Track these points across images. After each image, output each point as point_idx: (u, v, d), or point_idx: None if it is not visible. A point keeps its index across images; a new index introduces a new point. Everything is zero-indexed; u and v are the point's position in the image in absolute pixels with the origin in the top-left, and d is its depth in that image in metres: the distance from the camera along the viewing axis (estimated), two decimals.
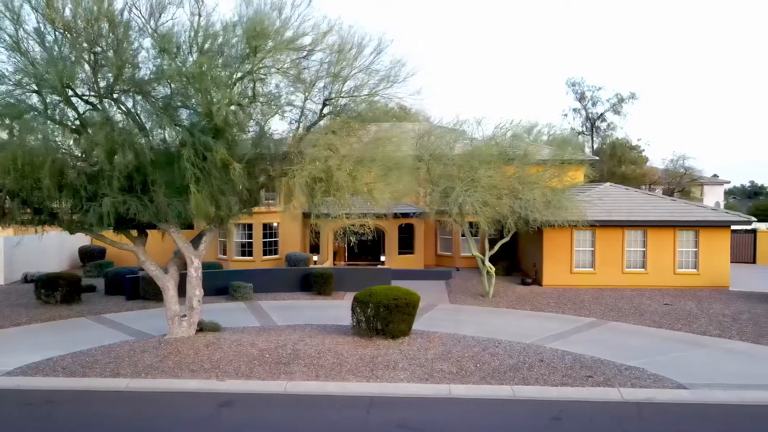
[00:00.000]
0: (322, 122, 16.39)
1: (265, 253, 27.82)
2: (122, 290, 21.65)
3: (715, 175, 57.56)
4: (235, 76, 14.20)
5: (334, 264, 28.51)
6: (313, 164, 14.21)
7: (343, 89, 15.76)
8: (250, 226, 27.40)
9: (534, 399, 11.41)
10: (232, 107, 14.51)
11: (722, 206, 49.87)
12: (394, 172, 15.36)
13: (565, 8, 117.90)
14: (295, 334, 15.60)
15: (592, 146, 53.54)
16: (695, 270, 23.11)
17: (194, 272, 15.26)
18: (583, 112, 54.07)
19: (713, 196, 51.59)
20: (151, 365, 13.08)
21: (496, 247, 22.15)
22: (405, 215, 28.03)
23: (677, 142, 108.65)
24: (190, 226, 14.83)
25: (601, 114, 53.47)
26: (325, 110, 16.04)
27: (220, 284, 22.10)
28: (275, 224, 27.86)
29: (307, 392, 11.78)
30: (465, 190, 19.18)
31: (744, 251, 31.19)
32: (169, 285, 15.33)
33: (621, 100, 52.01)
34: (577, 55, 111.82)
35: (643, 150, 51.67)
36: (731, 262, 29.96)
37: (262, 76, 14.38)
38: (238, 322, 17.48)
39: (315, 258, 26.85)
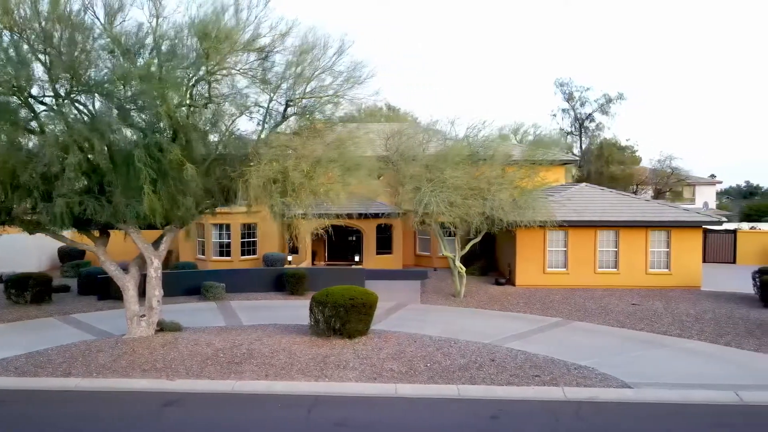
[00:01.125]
0: (286, 123, 16.48)
1: (243, 254, 27.88)
2: (95, 290, 21.74)
3: (712, 175, 57.32)
4: (192, 77, 14.27)
5: (314, 264, 28.54)
6: (269, 165, 14.28)
7: (307, 90, 15.85)
8: (228, 227, 27.46)
9: (478, 398, 11.47)
10: (191, 108, 14.62)
11: (713, 206, 49.80)
12: (353, 172, 15.41)
13: (564, 8, 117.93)
14: (254, 333, 15.67)
15: (581, 146, 53.59)
16: (667, 270, 23.13)
17: (154, 272, 15.35)
18: (572, 113, 54.16)
19: (705, 197, 51.49)
20: (104, 365, 13.15)
21: (467, 248, 22.19)
22: (381, 215, 27.91)
23: (675, 142, 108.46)
24: (152, 227, 14.86)
25: (590, 114, 53.55)
26: (289, 111, 16.11)
27: (193, 284, 22.14)
28: (254, 224, 27.91)
29: (254, 392, 11.86)
30: (431, 191, 19.22)
31: (724, 251, 31.21)
32: (129, 285, 15.41)
33: (609, 101, 52.14)
34: (565, 56, 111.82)
35: (636, 150, 51.71)
36: (711, 262, 30.17)
37: (218, 78, 14.44)
38: (204, 321, 17.55)
39: (289, 258, 26.89)
